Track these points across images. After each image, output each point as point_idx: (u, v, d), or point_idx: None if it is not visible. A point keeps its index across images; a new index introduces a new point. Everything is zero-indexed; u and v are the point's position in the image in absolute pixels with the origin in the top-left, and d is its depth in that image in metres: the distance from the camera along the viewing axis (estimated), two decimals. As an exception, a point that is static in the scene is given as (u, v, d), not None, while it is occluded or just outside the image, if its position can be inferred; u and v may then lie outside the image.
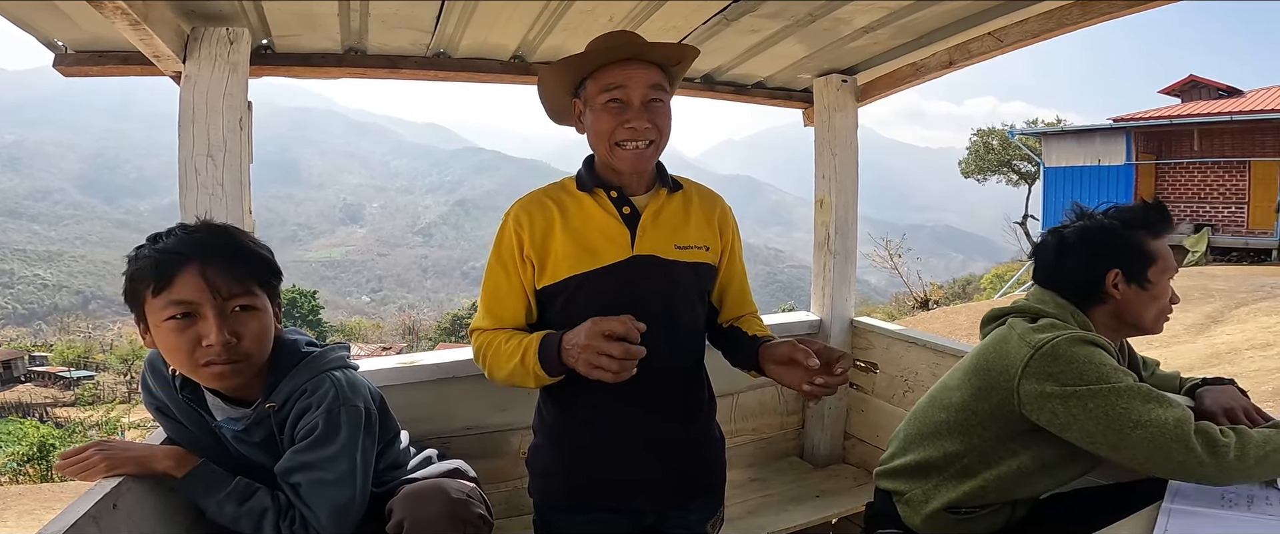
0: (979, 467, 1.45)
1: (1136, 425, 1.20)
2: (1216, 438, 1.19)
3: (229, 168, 1.71)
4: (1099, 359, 1.29)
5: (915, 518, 1.53)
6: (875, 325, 2.58)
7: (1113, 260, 1.42)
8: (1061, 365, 1.29)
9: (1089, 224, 1.46)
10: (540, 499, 1.46)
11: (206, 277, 1.19)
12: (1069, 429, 1.28)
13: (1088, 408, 1.25)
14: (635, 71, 1.30)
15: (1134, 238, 1.43)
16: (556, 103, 1.42)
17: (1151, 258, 1.42)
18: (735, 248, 1.51)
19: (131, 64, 1.87)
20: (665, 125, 1.34)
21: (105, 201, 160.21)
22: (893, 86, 2.47)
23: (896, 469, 1.59)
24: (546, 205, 1.37)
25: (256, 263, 1.26)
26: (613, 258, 1.33)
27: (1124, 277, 1.42)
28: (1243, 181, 13.72)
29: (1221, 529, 1.07)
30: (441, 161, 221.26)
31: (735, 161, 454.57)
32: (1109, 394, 1.24)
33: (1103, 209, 1.49)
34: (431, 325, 37.63)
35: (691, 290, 1.40)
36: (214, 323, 1.19)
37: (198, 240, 1.22)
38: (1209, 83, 16.23)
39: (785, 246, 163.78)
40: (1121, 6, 1.73)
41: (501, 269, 1.37)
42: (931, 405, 1.56)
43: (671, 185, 1.43)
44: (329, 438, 1.27)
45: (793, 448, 2.70)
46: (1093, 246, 1.44)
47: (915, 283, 17.21)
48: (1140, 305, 1.43)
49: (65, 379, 30.17)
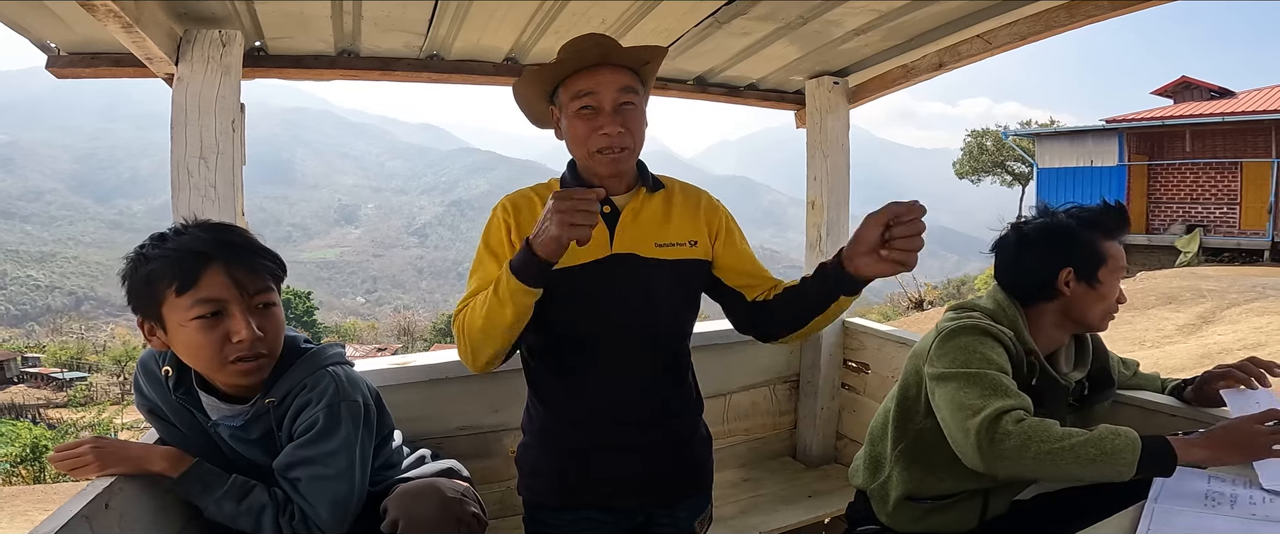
0: (916, 454, 1.53)
1: (960, 408, 1.29)
2: (1007, 430, 1.22)
3: (222, 170, 1.71)
4: (980, 349, 1.36)
5: (884, 512, 1.60)
6: (867, 326, 2.60)
7: (1065, 258, 1.46)
8: (947, 349, 1.38)
9: (1048, 221, 1.50)
10: (529, 497, 1.47)
11: (231, 274, 1.20)
12: (941, 413, 1.35)
13: (944, 390, 1.34)
14: (604, 76, 1.30)
15: (1089, 237, 1.46)
16: (534, 109, 1.43)
17: (1103, 258, 1.45)
18: (732, 231, 1.49)
19: (124, 66, 1.87)
20: (638, 128, 1.34)
21: (98, 202, 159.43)
22: (883, 88, 2.48)
23: (858, 467, 1.70)
24: (532, 200, 1.40)
25: (271, 259, 1.28)
26: (592, 255, 1.34)
27: (1074, 274, 1.46)
28: (1234, 182, 13.78)
29: (1204, 529, 1.07)
30: (437, 162, 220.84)
31: (731, 162, 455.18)
32: (960, 378, 1.32)
33: (1064, 208, 1.53)
34: (427, 326, 37.56)
35: (672, 289, 1.40)
36: (242, 319, 1.20)
37: (219, 239, 1.22)
38: (1201, 84, 16.31)
39: (780, 247, 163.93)
40: (1107, 8, 1.75)
41: (490, 255, 1.38)
42: (886, 401, 1.65)
43: (652, 184, 1.43)
44: (330, 433, 1.27)
45: (785, 448, 2.71)
46: (1050, 244, 1.47)
47: (910, 283, 17.26)
48: (1088, 303, 1.47)
49: (58, 380, 30.00)
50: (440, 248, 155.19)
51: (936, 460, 1.48)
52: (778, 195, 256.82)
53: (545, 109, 1.41)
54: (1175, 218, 14.36)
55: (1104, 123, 15.18)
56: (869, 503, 1.65)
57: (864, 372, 2.57)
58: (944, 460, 1.41)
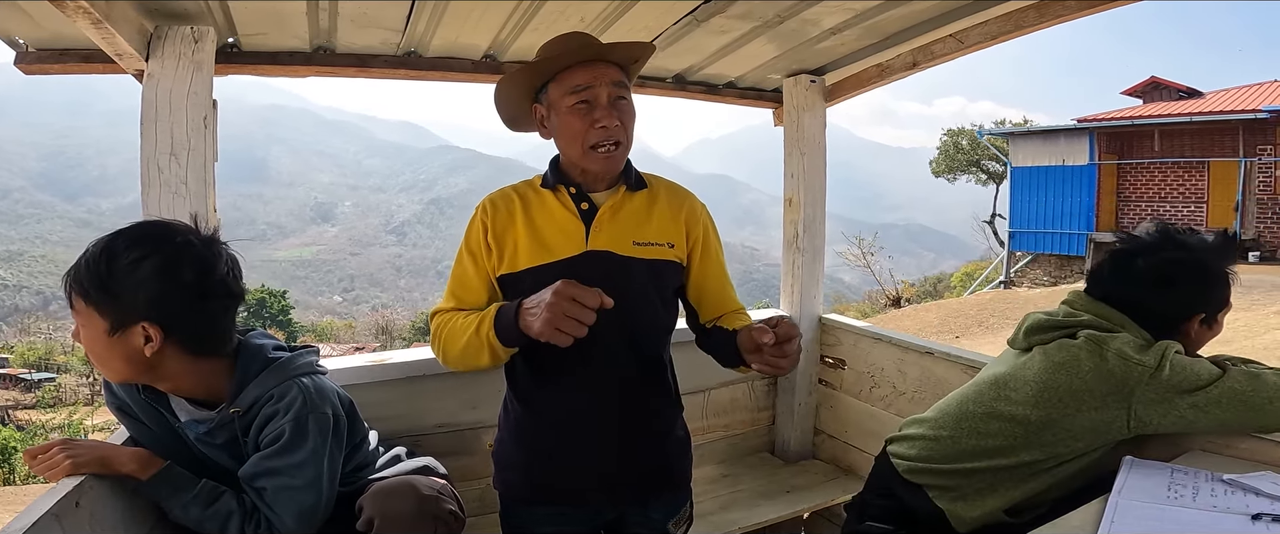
0: (1046, 469, 1.41)
1: (1272, 398, 1.28)
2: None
3: (193, 166, 1.69)
4: (1197, 363, 1.32)
5: (968, 513, 1.46)
6: (843, 322, 2.63)
7: (1204, 303, 1.41)
8: (1177, 375, 1.29)
9: (1188, 257, 1.40)
10: (504, 492, 1.48)
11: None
12: (1197, 423, 1.30)
13: (1220, 402, 1.28)
14: (599, 71, 1.31)
15: (1228, 281, 1.41)
16: (513, 110, 1.43)
17: (1229, 303, 1.42)
18: (708, 245, 1.49)
19: (93, 62, 1.83)
20: (630, 123, 1.36)
21: (66, 200, 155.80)
22: (859, 87, 2.51)
23: (952, 470, 1.49)
24: (511, 199, 1.40)
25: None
26: (567, 252, 1.35)
27: (1203, 319, 1.42)
28: (1202, 181, 14.10)
29: (1167, 521, 1.10)
30: (415, 160, 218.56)
31: (712, 161, 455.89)
32: (1228, 384, 1.29)
33: (1189, 238, 1.43)
34: (405, 325, 37.14)
35: (649, 288, 1.40)
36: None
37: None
38: (1170, 84, 16.64)
39: (761, 245, 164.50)
40: (1075, 8, 1.78)
41: (469, 256, 1.40)
42: (991, 417, 1.45)
43: (635, 182, 1.43)
44: (296, 445, 1.26)
45: (763, 444, 2.73)
46: (1192, 288, 1.40)
47: (888, 281, 17.46)
48: (1200, 343, 1.43)
49: (26, 382, 29.28)
50: (419, 246, 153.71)
51: (1058, 479, 1.41)
52: (758, 194, 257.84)
53: (526, 109, 1.41)
54: (1144, 216, 14.64)
55: (1075, 122, 15.44)
56: (929, 499, 1.50)
57: (841, 368, 2.60)
58: (1066, 477, 1.39)
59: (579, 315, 1.11)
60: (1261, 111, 12.58)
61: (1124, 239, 1.49)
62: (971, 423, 1.47)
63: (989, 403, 1.47)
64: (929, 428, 1.56)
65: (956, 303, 13.10)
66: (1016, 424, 1.41)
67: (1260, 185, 13.09)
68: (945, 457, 1.50)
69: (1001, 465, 1.42)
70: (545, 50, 1.37)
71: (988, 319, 10.91)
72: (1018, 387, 1.43)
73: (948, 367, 2.18)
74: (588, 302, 1.11)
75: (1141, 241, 1.46)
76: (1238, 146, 13.42)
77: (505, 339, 1.24)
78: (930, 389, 2.21)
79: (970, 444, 1.47)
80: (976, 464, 1.45)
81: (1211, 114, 13.67)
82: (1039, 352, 1.45)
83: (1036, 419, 1.38)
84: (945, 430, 1.52)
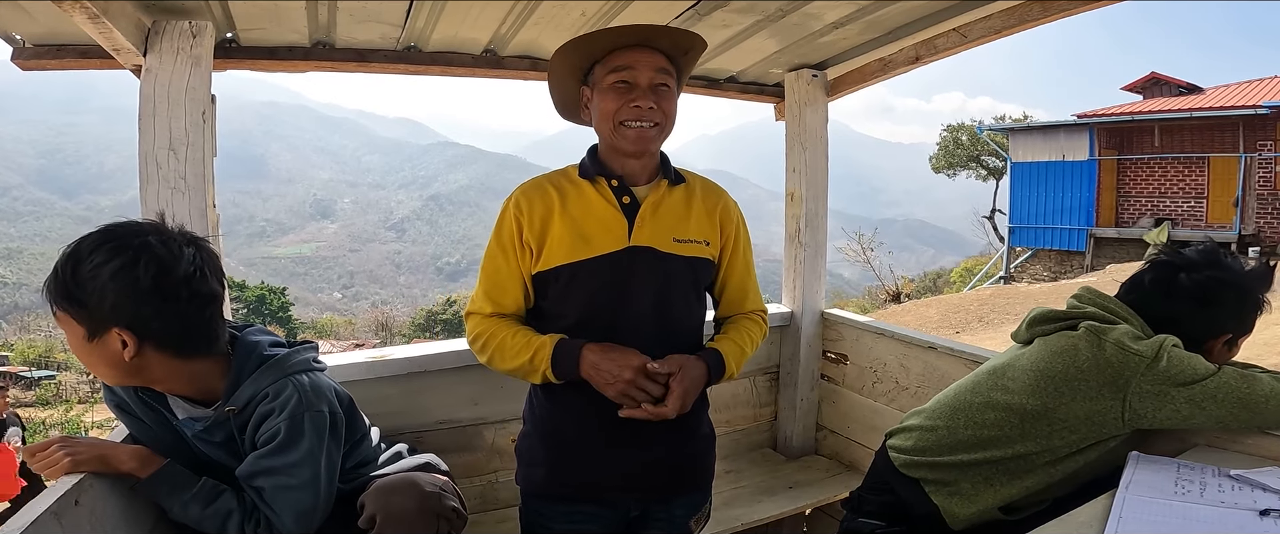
0: (1042, 465, 1.40)
1: (1268, 397, 1.28)
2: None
3: (191, 162, 1.68)
4: (1193, 357, 1.32)
5: (962, 510, 1.45)
6: (845, 317, 2.62)
7: (1236, 326, 1.42)
8: (1174, 366, 1.29)
9: (1231, 279, 1.41)
10: (526, 487, 1.47)
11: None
12: (1193, 418, 1.30)
13: (1216, 397, 1.28)
14: (643, 56, 1.32)
15: (1259, 309, 1.42)
16: (566, 91, 1.42)
17: (1252, 329, 1.44)
18: (739, 244, 1.49)
19: (91, 57, 1.83)
20: (671, 111, 1.35)
21: (64, 197, 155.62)
22: (861, 81, 2.50)
23: (947, 463, 1.49)
24: (547, 191, 1.38)
25: None
26: (608, 247, 1.33)
27: (1229, 341, 1.43)
28: (1202, 177, 14.09)
29: (1174, 517, 1.09)
30: (414, 156, 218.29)
31: (710, 156, 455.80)
32: (1223, 379, 1.29)
33: (1234, 261, 1.45)
34: (405, 321, 37.11)
35: (686, 285, 1.40)
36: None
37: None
38: (1170, 80, 16.62)
39: (759, 241, 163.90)
40: (1078, 3, 1.77)
41: (501, 253, 1.38)
42: (987, 407, 1.45)
43: (674, 178, 1.43)
44: (292, 444, 1.25)
45: (766, 440, 2.73)
46: (1228, 310, 1.41)
47: (887, 276, 17.45)
48: (1219, 361, 1.41)
49: (26, 379, 29.29)
50: (419, 242, 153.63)
51: (1061, 474, 1.41)
52: (756, 190, 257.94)
53: (576, 91, 1.41)
54: (1144, 211, 14.65)
55: (1075, 118, 15.42)
56: (924, 492, 1.49)
57: (843, 363, 2.59)
58: (1069, 473, 1.40)
59: (637, 394, 1.27)
60: (1262, 107, 12.56)
61: (1169, 252, 1.50)
62: (968, 413, 1.48)
63: (986, 392, 1.48)
64: (926, 419, 1.57)
65: (957, 298, 13.08)
66: (1012, 413, 1.41)
67: (1260, 181, 13.08)
68: (941, 448, 1.50)
69: (995, 457, 1.43)
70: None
71: (988, 314, 10.90)
72: (1015, 375, 1.45)
73: (951, 361, 2.17)
74: (660, 380, 1.27)
75: (1187, 258, 1.46)
76: (1238, 142, 13.41)
77: (563, 376, 1.31)
78: (933, 384, 2.20)
79: (966, 435, 1.47)
80: (971, 456, 1.45)
81: (1211, 110, 13.65)
82: (1039, 342, 1.46)
83: (1032, 408, 1.39)
84: (942, 421, 1.52)
